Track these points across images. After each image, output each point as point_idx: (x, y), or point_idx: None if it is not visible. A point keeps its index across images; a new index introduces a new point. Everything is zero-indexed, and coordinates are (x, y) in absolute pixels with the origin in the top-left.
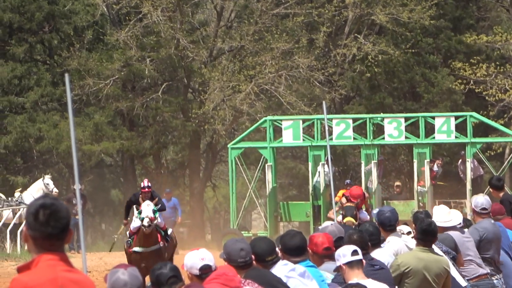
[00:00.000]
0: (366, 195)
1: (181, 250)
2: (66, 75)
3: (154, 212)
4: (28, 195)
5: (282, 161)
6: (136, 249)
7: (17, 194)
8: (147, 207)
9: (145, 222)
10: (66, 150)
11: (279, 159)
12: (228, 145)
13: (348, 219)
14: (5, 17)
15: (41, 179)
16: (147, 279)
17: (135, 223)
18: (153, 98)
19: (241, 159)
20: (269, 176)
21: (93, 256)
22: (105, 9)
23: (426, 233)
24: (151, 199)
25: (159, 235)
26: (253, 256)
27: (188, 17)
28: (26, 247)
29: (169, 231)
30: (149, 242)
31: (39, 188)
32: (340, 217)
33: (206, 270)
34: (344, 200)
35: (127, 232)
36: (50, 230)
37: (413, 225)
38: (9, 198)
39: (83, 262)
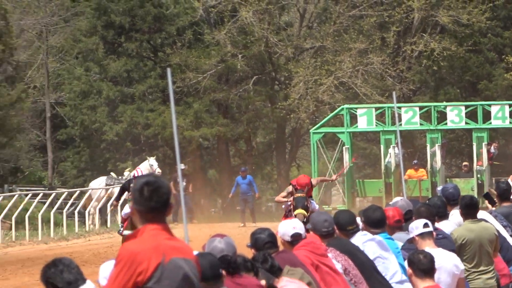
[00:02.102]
0: (313, 183)
1: (269, 223)
2: (168, 69)
3: None
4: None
5: (357, 143)
6: (126, 232)
7: (126, 173)
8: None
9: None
10: (170, 135)
11: (355, 142)
12: (310, 130)
13: (299, 211)
14: (117, 19)
15: (147, 160)
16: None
17: (126, 209)
18: (245, 89)
19: (321, 142)
20: (346, 157)
21: (193, 227)
22: (202, 12)
23: (469, 207)
24: None
25: None
26: (335, 227)
27: (275, 18)
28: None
29: None
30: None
31: (145, 169)
32: (285, 199)
33: (296, 238)
34: (290, 188)
35: (120, 219)
36: (153, 204)
37: (496, 192)
38: (119, 177)
39: (185, 232)
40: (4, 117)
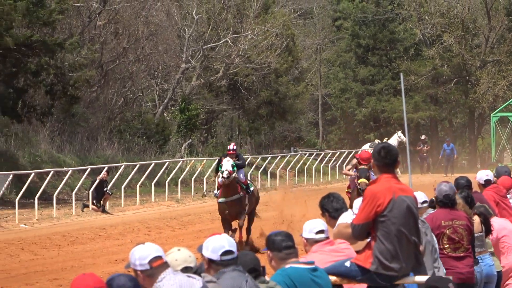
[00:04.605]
0: None
1: (463, 174)
2: (401, 74)
3: (233, 166)
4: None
5: None
6: (221, 200)
7: (376, 141)
8: (227, 162)
9: (224, 174)
10: (398, 117)
11: None
12: (491, 114)
13: (362, 180)
14: (364, 41)
15: (396, 133)
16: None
17: (220, 178)
18: (448, 87)
19: (498, 122)
20: None
21: (413, 176)
22: (421, 36)
23: None
24: (236, 159)
25: (239, 186)
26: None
27: (469, 42)
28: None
29: (252, 188)
30: (229, 193)
31: (394, 139)
32: (353, 173)
33: (488, 182)
34: (354, 161)
35: (216, 185)
36: (387, 161)
37: None
38: (378, 142)
39: (409, 179)
40: (292, 104)
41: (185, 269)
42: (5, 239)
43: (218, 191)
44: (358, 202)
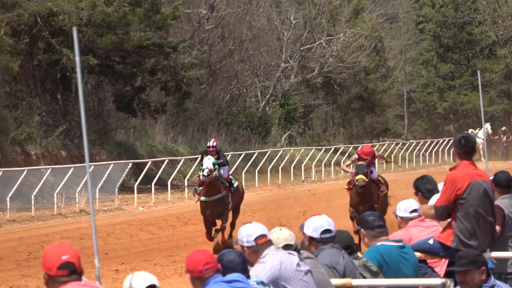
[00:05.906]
0: (376, 154)
1: None
2: (478, 71)
3: (214, 164)
4: (479, 133)
5: None
6: (202, 198)
7: (472, 130)
8: (208, 160)
9: (205, 172)
10: (472, 108)
11: None
12: None
13: (360, 176)
14: (445, 41)
15: (484, 125)
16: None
17: (201, 176)
18: None
19: None
20: None
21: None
22: (494, 37)
23: None
24: (217, 157)
25: (222, 186)
26: None
27: None
28: (453, 158)
29: (235, 184)
30: (212, 192)
31: (482, 130)
32: (352, 170)
33: None
34: (355, 156)
35: (198, 182)
36: (467, 149)
37: None
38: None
39: (486, 165)
40: (380, 98)
41: (286, 247)
42: (125, 220)
43: (201, 188)
44: (440, 185)
